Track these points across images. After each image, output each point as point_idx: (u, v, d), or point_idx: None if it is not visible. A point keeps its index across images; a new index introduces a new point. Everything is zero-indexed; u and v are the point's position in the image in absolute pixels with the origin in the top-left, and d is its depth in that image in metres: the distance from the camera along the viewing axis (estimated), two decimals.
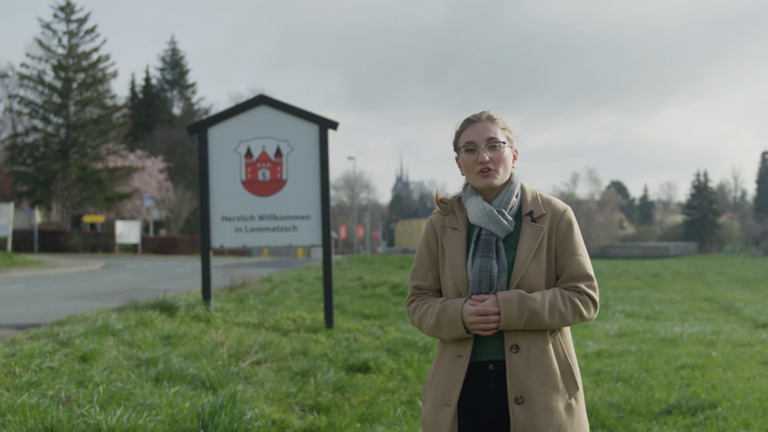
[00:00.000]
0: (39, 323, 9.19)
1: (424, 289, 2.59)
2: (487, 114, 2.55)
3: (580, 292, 2.45)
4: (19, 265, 27.43)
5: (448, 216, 2.60)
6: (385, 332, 9.25)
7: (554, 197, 2.57)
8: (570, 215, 2.53)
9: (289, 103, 9.63)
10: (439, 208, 2.63)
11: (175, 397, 5.20)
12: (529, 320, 2.37)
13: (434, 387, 2.52)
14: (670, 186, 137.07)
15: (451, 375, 2.47)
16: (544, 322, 2.38)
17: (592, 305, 2.47)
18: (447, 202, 2.62)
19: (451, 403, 2.43)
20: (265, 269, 27.84)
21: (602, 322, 12.00)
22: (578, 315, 2.43)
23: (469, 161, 2.51)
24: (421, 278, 2.60)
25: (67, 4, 49.26)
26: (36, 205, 49.16)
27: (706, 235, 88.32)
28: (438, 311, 2.45)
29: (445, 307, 2.43)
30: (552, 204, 2.53)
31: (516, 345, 2.41)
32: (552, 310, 2.39)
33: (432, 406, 2.49)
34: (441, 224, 2.59)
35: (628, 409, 5.62)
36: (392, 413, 5.39)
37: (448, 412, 2.43)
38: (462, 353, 2.46)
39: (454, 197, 2.63)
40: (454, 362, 2.47)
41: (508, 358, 2.40)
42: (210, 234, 9.51)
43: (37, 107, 48.52)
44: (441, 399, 2.47)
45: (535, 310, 2.37)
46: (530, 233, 2.47)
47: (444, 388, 2.47)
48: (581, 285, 2.45)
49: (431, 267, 2.59)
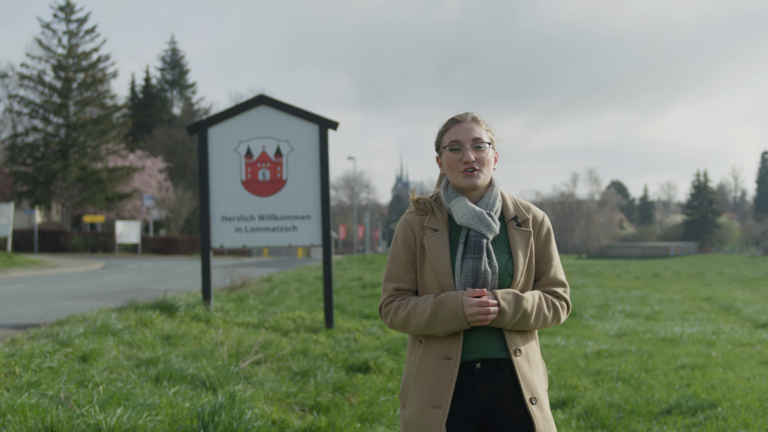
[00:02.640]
0: (39, 323, 9.19)
1: (403, 290, 2.55)
2: (472, 115, 2.58)
3: (559, 297, 2.56)
4: (19, 265, 27.43)
5: (426, 216, 2.58)
6: (385, 332, 9.25)
7: (531, 204, 2.66)
8: (548, 222, 2.63)
9: (288, 103, 9.64)
10: (416, 208, 2.60)
11: (175, 397, 5.20)
12: (519, 320, 2.44)
13: (418, 389, 2.48)
14: (670, 186, 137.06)
15: (439, 377, 2.45)
16: (529, 323, 2.47)
17: (567, 309, 2.60)
18: (424, 202, 2.61)
19: (442, 405, 2.42)
20: (265, 269, 27.84)
21: (602, 322, 12.00)
22: (557, 318, 2.55)
23: (454, 160, 2.53)
24: (399, 279, 2.56)
25: (67, 4, 49.25)
26: (36, 205, 49.17)
27: (706, 235, 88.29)
28: (434, 305, 2.42)
29: (443, 301, 2.41)
30: (532, 210, 2.61)
31: (518, 348, 2.47)
32: (538, 312, 2.48)
33: (417, 409, 2.46)
34: (419, 224, 2.57)
35: (628, 409, 5.62)
36: (392, 413, 5.39)
37: (438, 414, 2.42)
38: (450, 355, 2.45)
39: (431, 197, 2.63)
40: (440, 364, 2.46)
41: (515, 361, 2.45)
42: (210, 234, 9.51)
43: (37, 107, 48.52)
44: (428, 401, 2.44)
45: (527, 310, 2.44)
46: (520, 238, 2.54)
47: (431, 390, 2.45)
48: (559, 290, 2.56)
49: (409, 268, 2.55)
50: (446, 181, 2.62)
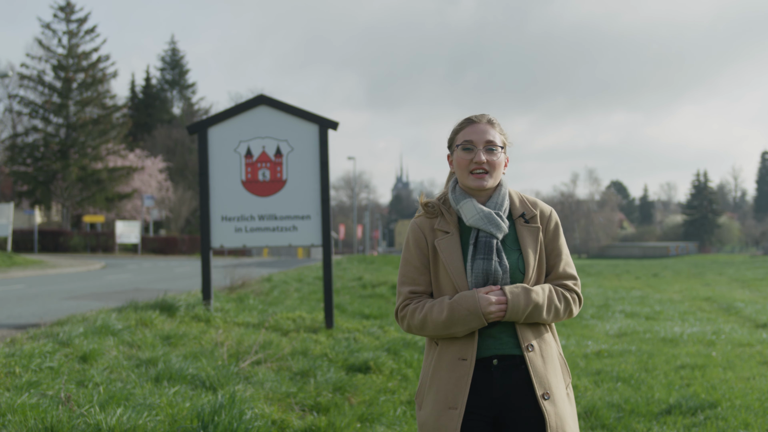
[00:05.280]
0: (39, 323, 9.19)
1: (418, 293, 2.57)
2: (488, 117, 2.61)
3: (569, 290, 2.57)
4: (19, 265, 27.44)
5: (435, 219, 2.60)
6: (385, 332, 9.25)
7: (538, 199, 2.67)
8: (556, 217, 2.64)
9: (288, 103, 9.64)
10: (425, 211, 2.63)
11: (175, 397, 5.20)
12: (531, 313, 2.45)
13: (434, 390, 2.50)
14: (670, 186, 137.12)
15: (455, 378, 2.46)
16: (542, 316, 2.48)
17: (579, 302, 2.60)
18: (432, 205, 2.63)
19: (457, 407, 2.43)
20: (265, 269, 27.84)
21: (602, 322, 11.99)
22: (568, 311, 2.55)
23: (465, 160, 2.55)
24: (413, 282, 2.58)
25: (67, 4, 49.28)
26: (36, 205, 49.20)
27: (706, 235, 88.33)
28: (451, 306, 2.43)
29: (459, 300, 2.43)
30: (539, 205, 2.63)
31: (531, 344, 2.48)
32: (549, 305, 2.49)
33: (433, 410, 2.47)
34: (429, 227, 2.59)
35: (628, 409, 5.62)
36: (392, 413, 5.39)
37: (454, 415, 2.43)
38: (465, 356, 2.47)
39: (439, 200, 2.65)
40: (456, 365, 2.47)
41: (527, 357, 2.46)
42: (210, 234, 9.52)
43: (37, 107, 48.54)
44: (444, 402, 2.45)
45: (538, 303, 2.45)
46: (529, 234, 2.56)
47: (447, 391, 2.46)
48: (569, 283, 2.57)
49: (423, 270, 2.57)
50: (454, 182, 2.64)
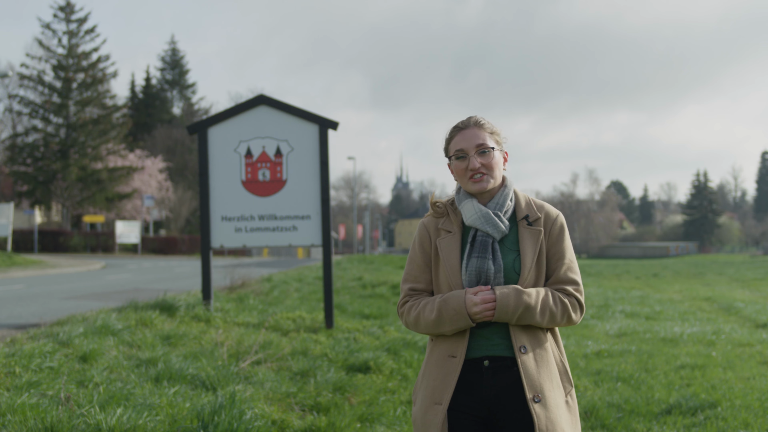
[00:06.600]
0: (39, 323, 9.19)
1: (418, 290, 2.62)
2: (474, 120, 2.60)
3: (569, 294, 2.53)
4: (19, 265, 27.43)
5: (441, 219, 2.64)
6: (385, 332, 9.25)
7: (546, 203, 2.66)
8: (562, 220, 2.62)
9: (288, 103, 9.63)
10: (433, 211, 2.67)
11: (175, 397, 5.21)
12: (523, 315, 2.44)
13: (424, 386, 2.55)
14: (670, 186, 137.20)
15: (443, 374, 2.50)
16: (535, 318, 2.46)
17: (579, 309, 2.56)
18: (440, 205, 2.67)
19: (442, 402, 2.46)
20: (265, 269, 27.84)
21: (602, 322, 11.99)
22: (566, 316, 2.51)
23: (461, 168, 2.57)
24: (414, 280, 2.63)
25: (67, 4, 49.27)
26: (36, 205, 49.19)
27: (706, 235, 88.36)
28: (439, 305, 2.48)
29: (447, 300, 2.47)
30: (545, 208, 2.61)
31: (524, 346, 2.47)
32: (544, 307, 2.47)
33: (422, 405, 2.52)
34: (434, 227, 2.63)
35: (628, 409, 5.62)
36: (392, 413, 5.39)
37: (438, 410, 2.46)
38: (455, 353, 2.50)
39: (448, 201, 2.68)
40: (445, 361, 2.51)
41: (519, 358, 2.45)
42: (210, 234, 9.52)
43: (37, 107, 48.54)
44: (431, 398, 2.49)
45: (530, 305, 2.44)
46: (530, 236, 2.55)
47: (434, 387, 2.50)
48: (569, 288, 2.54)
49: (425, 269, 2.62)
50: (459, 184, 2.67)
